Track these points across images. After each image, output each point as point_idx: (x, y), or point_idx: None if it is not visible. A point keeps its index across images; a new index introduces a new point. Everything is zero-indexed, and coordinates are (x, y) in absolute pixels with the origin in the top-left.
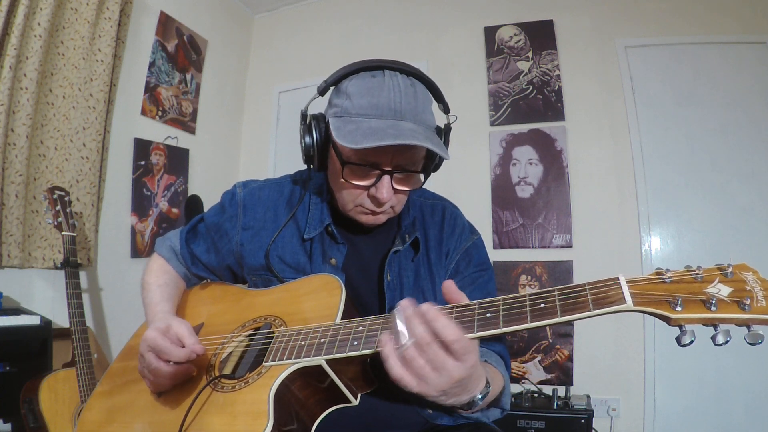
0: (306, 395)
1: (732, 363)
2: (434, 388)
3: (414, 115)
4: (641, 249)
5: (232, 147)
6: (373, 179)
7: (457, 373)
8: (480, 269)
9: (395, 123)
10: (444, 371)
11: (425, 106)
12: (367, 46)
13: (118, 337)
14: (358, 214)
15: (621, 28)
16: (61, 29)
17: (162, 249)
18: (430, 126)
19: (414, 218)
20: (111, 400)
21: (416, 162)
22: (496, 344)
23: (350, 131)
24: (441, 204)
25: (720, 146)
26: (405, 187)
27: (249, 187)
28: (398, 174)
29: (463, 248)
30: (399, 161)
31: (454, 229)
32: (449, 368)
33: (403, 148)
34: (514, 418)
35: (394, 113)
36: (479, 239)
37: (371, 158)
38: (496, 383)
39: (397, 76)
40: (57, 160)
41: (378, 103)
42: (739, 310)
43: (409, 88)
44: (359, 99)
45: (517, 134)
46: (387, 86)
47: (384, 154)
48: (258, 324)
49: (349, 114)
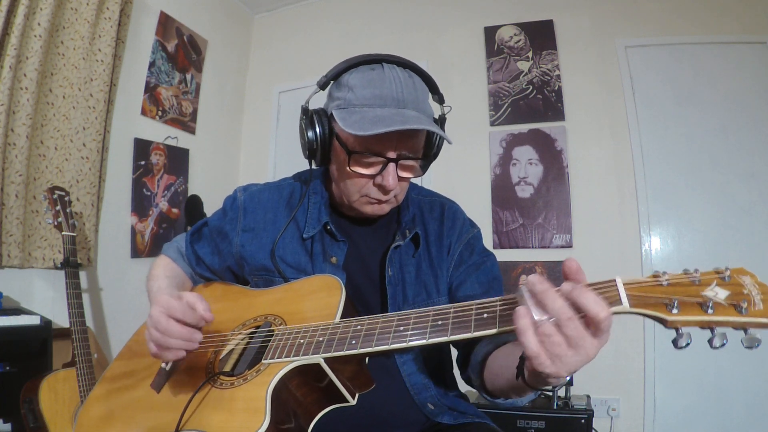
0: (304, 393)
1: (732, 363)
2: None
3: (416, 104)
4: (641, 249)
5: (232, 147)
6: (379, 168)
7: (593, 351)
8: (483, 256)
9: (400, 111)
10: (582, 349)
11: (424, 96)
12: (367, 46)
13: (118, 337)
14: (363, 205)
15: (621, 28)
16: (61, 29)
17: (169, 251)
18: (430, 115)
19: (414, 215)
20: (110, 396)
21: (418, 149)
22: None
23: (356, 120)
24: (439, 200)
25: (720, 146)
26: (408, 175)
27: (249, 190)
28: (403, 161)
29: (465, 240)
30: (402, 149)
31: (454, 222)
32: (587, 346)
33: (406, 137)
34: (514, 418)
35: (398, 102)
36: (479, 232)
37: (376, 147)
38: None
39: (395, 68)
40: (57, 160)
41: (381, 94)
42: (736, 314)
43: (408, 79)
44: (362, 90)
45: (517, 134)
46: (388, 77)
47: (388, 142)
48: (258, 323)
49: (353, 105)
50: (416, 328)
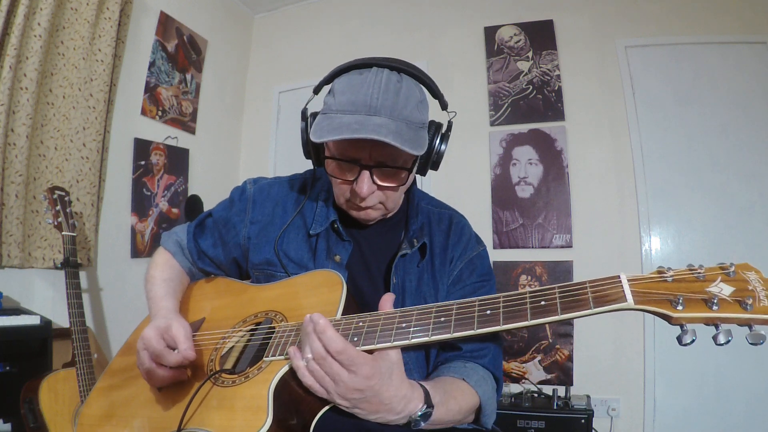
0: (306, 390)
1: (732, 363)
2: (339, 397)
3: (391, 111)
4: (641, 249)
5: (232, 147)
6: (355, 174)
7: (353, 384)
8: (482, 279)
9: (366, 118)
10: (341, 382)
11: (408, 101)
12: (367, 47)
13: (118, 337)
14: (349, 209)
15: (621, 28)
16: (61, 29)
17: (168, 243)
18: (411, 121)
19: (422, 224)
20: (112, 394)
21: (398, 158)
22: (488, 353)
23: (322, 127)
24: (448, 213)
25: (720, 146)
26: (390, 183)
27: (259, 183)
28: (379, 170)
29: (468, 257)
30: (378, 157)
31: (460, 237)
32: (344, 379)
33: (380, 144)
34: (514, 418)
35: (368, 108)
36: (484, 250)
37: (350, 153)
38: (456, 403)
39: (384, 72)
40: (57, 160)
41: (355, 100)
42: (741, 310)
43: (394, 83)
44: (341, 96)
45: (517, 134)
46: (368, 83)
47: (362, 149)
48: (259, 319)
49: (331, 110)
50: (419, 325)
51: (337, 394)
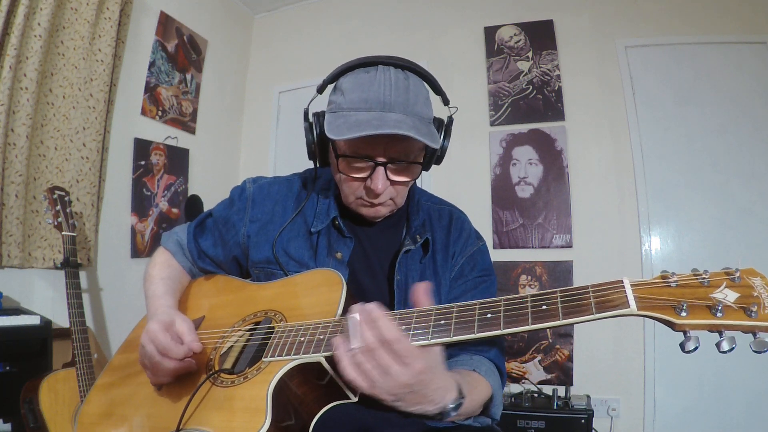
0: (305, 391)
1: (732, 363)
2: (384, 392)
3: (404, 107)
4: (641, 249)
5: (232, 147)
6: (369, 171)
7: (403, 378)
8: (483, 274)
9: (382, 114)
10: (390, 376)
11: (418, 98)
12: (367, 46)
13: (118, 337)
14: (359, 207)
15: (621, 28)
16: (61, 29)
17: (168, 243)
18: (423, 117)
19: (423, 220)
20: (111, 392)
21: (411, 153)
22: (492, 347)
23: (339, 125)
24: (448, 209)
25: (720, 146)
26: (403, 178)
27: (259, 182)
28: (393, 165)
29: (469, 252)
30: (392, 153)
31: (461, 233)
32: (394, 373)
33: (396, 140)
34: (514, 418)
35: (383, 105)
36: (484, 245)
37: (364, 150)
38: (477, 394)
39: (390, 70)
40: (57, 160)
41: (367, 97)
42: (745, 317)
43: (402, 81)
44: (351, 94)
45: (517, 134)
46: (378, 80)
47: (376, 145)
48: (258, 318)
49: (341, 109)
50: (418, 328)
51: (383, 389)
